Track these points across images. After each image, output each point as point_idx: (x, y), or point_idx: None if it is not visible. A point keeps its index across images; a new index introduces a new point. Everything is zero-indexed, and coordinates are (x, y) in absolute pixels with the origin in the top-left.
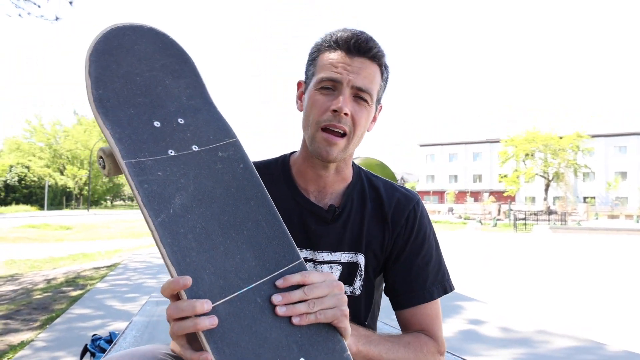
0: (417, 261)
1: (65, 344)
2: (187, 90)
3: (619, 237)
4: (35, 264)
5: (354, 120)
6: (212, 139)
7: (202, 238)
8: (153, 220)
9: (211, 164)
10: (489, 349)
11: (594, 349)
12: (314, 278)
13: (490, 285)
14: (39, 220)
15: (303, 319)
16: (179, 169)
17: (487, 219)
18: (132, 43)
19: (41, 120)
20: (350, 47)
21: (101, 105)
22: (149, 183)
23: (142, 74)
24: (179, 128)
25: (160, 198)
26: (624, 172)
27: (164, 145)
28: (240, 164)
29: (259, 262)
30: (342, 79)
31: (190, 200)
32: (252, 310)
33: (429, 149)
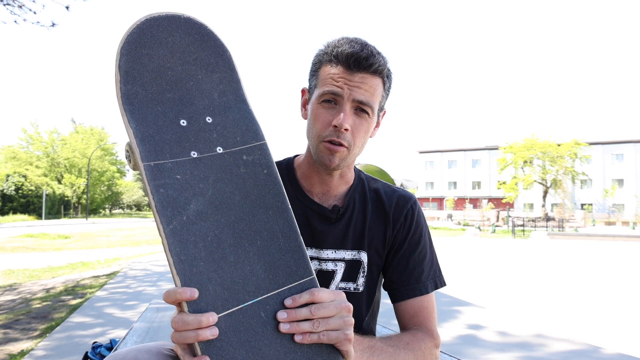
0: (414, 256)
1: (66, 352)
2: (220, 85)
3: (615, 244)
4: (34, 273)
5: (354, 133)
6: (239, 140)
7: (212, 247)
8: (164, 227)
9: (234, 168)
10: (487, 353)
11: (589, 352)
12: (323, 297)
13: (489, 290)
14: (37, 229)
15: (305, 337)
16: (200, 172)
17: (485, 225)
18: (167, 34)
19: (37, 128)
20: (350, 64)
21: (128, 102)
22: (165, 187)
23: (174, 67)
24: (206, 128)
25: (175, 204)
26: (621, 179)
27: (187, 146)
28: (265, 169)
29: (269, 275)
30: (342, 94)
31: (206, 207)
32: (254, 325)
33: (428, 155)
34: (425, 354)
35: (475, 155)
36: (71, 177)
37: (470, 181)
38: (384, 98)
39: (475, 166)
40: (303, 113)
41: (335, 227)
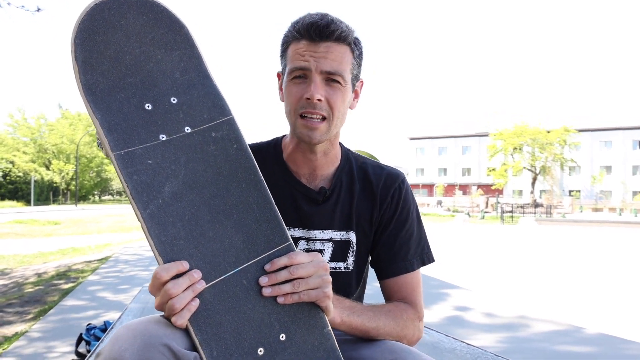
0: (401, 235)
1: (60, 334)
2: (181, 63)
3: (602, 229)
4: (25, 259)
5: (330, 103)
6: (206, 118)
7: (190, 225)
8: (142, 212)
9: (204, 146)
10: (474, 333)
11: (572, 332)
12: (300, 259)
13: (477, 274)
14: (26, 216)
15: (287, 298)
16: (170, 154)
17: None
18: (119, 17)
19: (24, 114)
20: (311, 34)
21: (90, 92)
22: (138, 174)
23: (131, 51)
24: (172, 109)
25: (149, 188)
26: (609, 166)
27: (155, 130)
28: (234, 144)
29: (247, 245)
30: (309, 66)
31: (180, 188)
32: (237, 292)
33: (419, 142)
34: (407, 323)
35: (466, 142)
36: (59, 163)
37: (460, 168)
38: (355, 66)
39: (465, 153)
40: (280, 96)
41: (323, 208)
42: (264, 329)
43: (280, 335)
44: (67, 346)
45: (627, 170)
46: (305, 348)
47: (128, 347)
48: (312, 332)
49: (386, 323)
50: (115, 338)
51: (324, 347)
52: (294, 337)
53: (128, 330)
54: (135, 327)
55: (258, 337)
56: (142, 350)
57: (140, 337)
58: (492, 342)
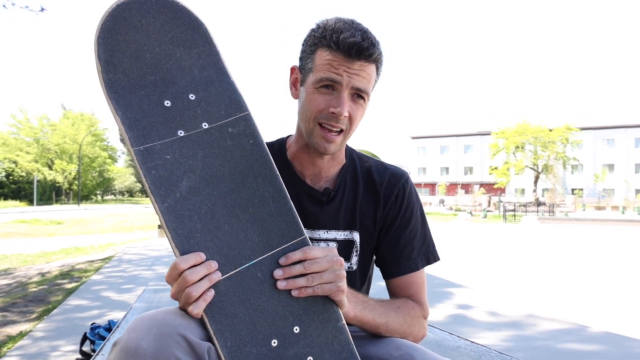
0: (405, 235)
1: (64, 333)
2: (200, 60)
3: (604, 228)
4: (28, 258)
5: (351, 119)
6: (223, 114)
7: (207, 219)
8: (160, 206)
9: (221, 141)
10: (478, 332)
11: (576, 330)
12: (315, 253)
13: (480, 273)
14: (29, 215)
15: (302, 292)
16: (188, 149)
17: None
18: (139, 17)
19: (27, 114)
20: (352, 53)
21: (112, 90)
22: (157, 169)
23: (151, 49)
24: (190, 105)
25: (167, 183)
26: (612, 164)
27: (173, 126)
28: (250, 139)
29: (263, 238)
30: (342, 81)
31: (197, 182)
32: (252, 284)
33: (421, 141)
34: (414, 321)
35: (468, 140)
36: (62, 163)
37: (462, 167)
38: (375, 83)
39: (467, 152)
40: (293, 92)
41: (327, 209)
42: (278, 321)
43: (294, 328)
44: (72, 345)
45: (630, 168)
46: (318, 341)
47: (144, 336)
48: (325, 326)
49: (395, 319)
50: (132, 328)
51: (337, 340)
52: (308, 330)
53: (144, 320)
54: (151, 317)
55: (272, 328)
56: (158, 339)
57: (157, 326)
58: (496, 341)
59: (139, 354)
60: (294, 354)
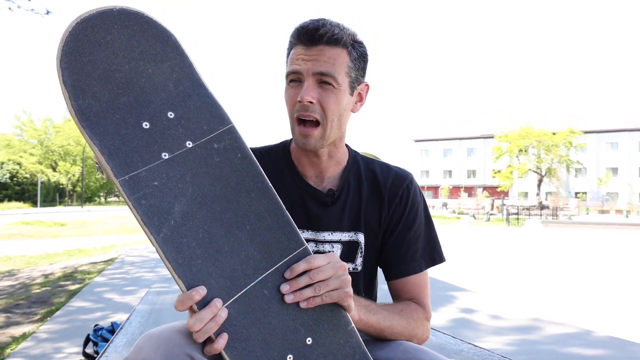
0: (409, 236)
1: (67, 335)
2: (173, 74)
3: (608, 231)
4: (31, 259)
5: (322, 106)
6: (206, 129)
7: (205, 243)
8: (155, 237)
9: (208, 159)
10: (481, 336)
11: (580, 334)
12: (318, 262)
13: (483, 276)
14: (33, 217)
15: (310, 302)
16: (176, 172)
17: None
18: (104, 34)
19: (31, 116)
20: (303, 39)
21: (84, 118)
22: (146, 198)
23: (121, 68)
24: (170, 124)
25: (159, 211)
26: (615, 167)
27: (156, 148)
28: (238, 153)
29: (264, 254)
30: (301, 70)
31: (190, 206)
32: (260, 303)
33: (424, 144)
34: (418, 323)
35: (471, 143)
36: (66, 165)
37: (465, 170)
38: (354, 69)
39: (470, 155)
40: None
41: (331, 210)
42: (290, 336)
43: (306, 340)
44: (75, 347)
45: (634, 172)
46: (332, 348)
47: (151, 356)
48: (336, 332)
49: (399, 322)
50: (138, 347)
51: (349, 344)
52: (320, 339)
53: (151, 339)
54: (158, 336)
55: (285, 344)
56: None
57: (164, 346)
58: (499, 345)
59: None
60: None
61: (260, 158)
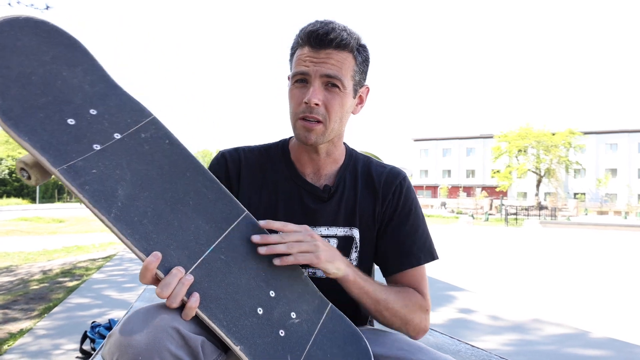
0: (405, 229)
1: (65, 331)
2: (87, 77)
3: (606, 233)
4: (30, 256)
5: (327, 108)
6: (130, 122)
7: (155, 219)
8: (107, 217)
9: (138, 147)
10: (479, 336)
11: (578, 335)
12: (291, 227)
13: (481, 276)
14: (31, 213)
15: (283, 260)
16: (110, 161)
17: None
18: (14, 40)
19: None
20: (312, 42)
21: (8, 118)
22: (90, 184)
23: (35, 71)
24: (95, 120)
25: (105, 195)
26: (614, 169)
27: (86, 141)
28: (166, 139)
29: (212, 224)
30: (309, 72)
31: (132, 189)
32: (220, 267)
33: (423, 143)
34: (415, 307)
35: (470, 143)
36: None
37: (465, 169)
38: (358, 73)
39: (469, 155)
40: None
41: (327, 206)
42: (255, 292)
43: (269, 293)
44: (72, 343)
45: (633, 173)
46: (293, 297)
47: (138, 329)
48: (293, 283)
49: (395, 299)
50: (126, 321)
51: (307, 291)
52: (282, 292)
53: (139, 314)
54: (145, 311)
55: (253, 299)
56: (151, 332)
57: (151, 319)
58: (497, 345)
59: (132, 346)
60: (278, 314)
61: (259, 156)
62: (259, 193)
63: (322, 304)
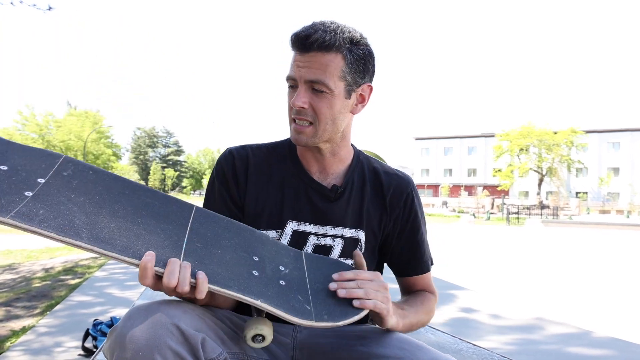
0: (417, 238)
1: (67, 329)
2: None
3: (609, 232)
4: (32, 254)
5: (315, 110)
6: (46, 166)
7: (125, 232)
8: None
9: (67, 184)
10: (480, 335)
11: (580, 335)
12: (365, 275)
13: (483, 275)
14: None
15: (363, 303)
16: (50, 201)
17: (480, 212)
18: None
19: (33, 111)
20: (298, 45)
21: None
22: (47, 221)
23: None
24: (10, 174)
25: (68, 225)
26: (617, 168)
27: (16, 191)
28: (89, 170)
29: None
30: (295, 76)
31: (86, 216)
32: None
33: (424, 142)
34: (433, 307)
35: (471, 142)
36: None
37: (466, 168)
38: (349, 72)
39: (471, 153)
40: None
41: (335, 206)
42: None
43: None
44: (75, 341)
45: (635, 172)
46: (272, 255)
47: (138, 324)
48: (265, 245)
49: (422, 316)
50: (127, 316)
51: (280, 248)
52: (261, 254)
53: (140, 310)
54: (146, 307)
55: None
56: (151, 328)
57: (151, 315)
58: (499, 344)
59: (133, 342)
60: (270, 271)
61: (267, 153)
62: (266, 190)
63: (297, 253)
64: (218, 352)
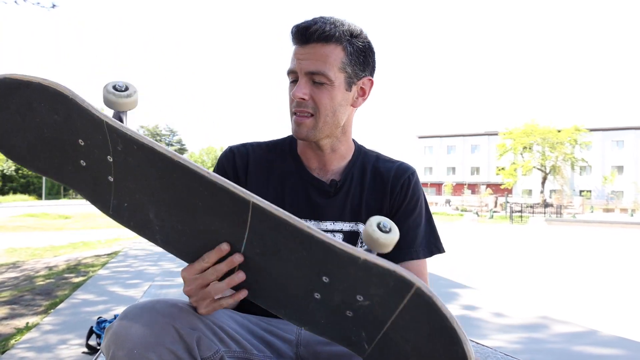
0: (408, 222)
1: (71, 327)
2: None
3: (612, 230)
4: (36, 252)
5: (315, 102)
6: (102, 137)
7: (187, 231)
8: (159, 240)
9: (127, 164)
10: (483, 333)
11: (585, 334)
12: None
13: (486, 274)
14: (38, 209)
15: None
16: (122, 189)
17: (483, 211)
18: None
19: None
20: (297, 38)
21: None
22: (132, 219)
23: (42, 135)
24: (88, 149)
25: (144, 223)
26: (621, 166)
27: (102, 178)
28: (134, 146)
29: (230, 219)
30: (295, 69)
31: (156, 208)
32: (259, 261)
33: (427, 140)
34: None
35: (475, 140)
36: None
37: (469, 167)
38: (350, 64)
39: (474, 152)
40: None
41: (334, 200)
42: (305, 278)
43: (322, 278)
44: (78, 339)
45: (639, 170)
46: (352, 282)
47: (135, 323)
48: (348, 267)
49: None
50: (124, 314)
51: (371, 274)
52: (336, 277)
53: (136, 308)
54: (143, 306)
55: (304, 286)
56: (147, 326)
57: (148, 314)
58: (503, 343)
59: (129, 340)
60: (340, 298)
61: (267, 151)
62: (266, 187)
63: (401, 286)
64: (214, 351)
